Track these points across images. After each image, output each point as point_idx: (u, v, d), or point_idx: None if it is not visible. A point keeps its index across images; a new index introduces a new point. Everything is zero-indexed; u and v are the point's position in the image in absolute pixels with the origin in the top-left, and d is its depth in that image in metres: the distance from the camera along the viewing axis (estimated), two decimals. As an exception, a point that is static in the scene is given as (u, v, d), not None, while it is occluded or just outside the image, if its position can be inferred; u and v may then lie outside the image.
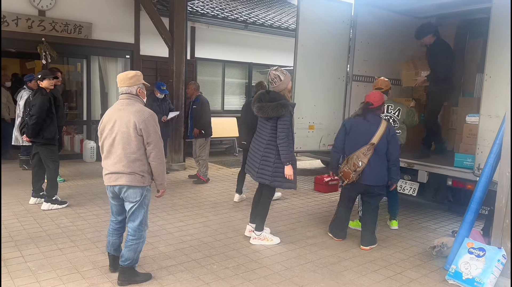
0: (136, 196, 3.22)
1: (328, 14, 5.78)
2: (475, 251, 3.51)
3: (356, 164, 4.16)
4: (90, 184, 6.66)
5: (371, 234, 4.39)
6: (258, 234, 4.37)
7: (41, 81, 5.29)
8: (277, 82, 4.18)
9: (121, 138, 3.15)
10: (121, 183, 3.18)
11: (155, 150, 3.18)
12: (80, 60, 9.26)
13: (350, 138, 4.32)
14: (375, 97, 4.31)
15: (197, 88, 7.24)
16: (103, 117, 3.30)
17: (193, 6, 10.06)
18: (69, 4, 8.26)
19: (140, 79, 3.32)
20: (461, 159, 4.78)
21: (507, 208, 3.31)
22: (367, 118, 4.27)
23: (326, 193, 6.70)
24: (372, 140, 4.17)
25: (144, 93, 3.37)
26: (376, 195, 4.34)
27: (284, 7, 13.68)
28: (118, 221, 3.46)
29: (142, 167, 3.19)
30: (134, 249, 3.30)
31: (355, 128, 4.31)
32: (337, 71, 6.01)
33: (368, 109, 4.29)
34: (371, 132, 4.21)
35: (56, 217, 4.95)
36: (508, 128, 3.29)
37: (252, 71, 11.51)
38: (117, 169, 3.17)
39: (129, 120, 3.12)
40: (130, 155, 3.15)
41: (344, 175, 4.29)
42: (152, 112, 3.26)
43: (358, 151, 4.19)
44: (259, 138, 4.28)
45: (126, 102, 3.23)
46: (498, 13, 4.20)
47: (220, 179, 7.56)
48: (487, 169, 3.69)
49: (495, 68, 4.25)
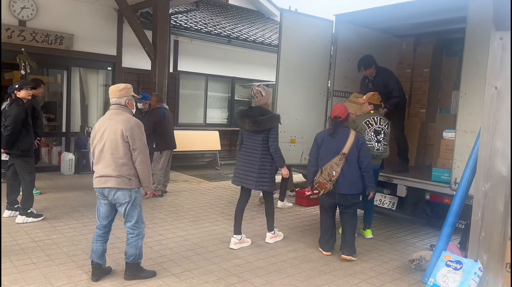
0: (125, 197, 3.48)
1: (309, 30, 5.90)
2: (453, 264, 3.56)
3: (331, 173, 4.28)
4: (67, 197, 6.51)
5: (352, 243, 4.45)
6: (273, 233, 4.89)
7: (18, 91, 5.19)
8: (259, 97, 4.59)
9: (109, 145, 3.44)
10: (109, 185, 3.45)
11: (140, 155, 3.47)
12: (60, 71, 9.15)
13: (323, 151, 4.47)
14: (341, 110, 4.50)
15: (160, 100, 7.07)
16: (95, 126, 3.60)
17: (176, 20, 10.10)
18: (51, 15, 8.20)
19: (129, 91, 3.62)
20: (438, 173, 4.89)
21: (483, 221, 3.38)
22: (337, 131, 4.43)
23: (307, 207, 6.71)
24: (343, 150, 4.32)
25: (133, 105, 3.68)
26: (351, 204, 4.42)
27: (267, 23, 13.87)
28: (103, 226, 3.63)
29: (129, 171, 3.47)
30: (135, 245, 3.56)
31: (326, 141, 4.48)
32: (318, 86, 6.10)
33: (338, 123, 4.45)
34: (341, 143, 4.37)
35: (31, 230, 4.81)
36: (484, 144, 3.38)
37: (235, 86, 11.57)
38: (106, 173, 3.45)
39: (116, 128, 3.43)
40: (118, 160, 3.44)
41: (320, 185, 4.38)
42: (138, 121, 3.57)
43: (331, 161, 4.33)
44: (251, 151, 4.60)
45: (115, 112, 3.55)
46: (473, 33, 4.36)
47: (201, 192, 7.50)
48: (463, 183, 3.77)
49: (470, 85, 4.39)
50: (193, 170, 9.90)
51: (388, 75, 5.78)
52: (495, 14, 3.09)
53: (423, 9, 5.43)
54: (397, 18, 5.92)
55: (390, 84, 5.68)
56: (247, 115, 4.55)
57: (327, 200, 4.47)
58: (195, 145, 10.13)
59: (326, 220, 4.60)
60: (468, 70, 4.44)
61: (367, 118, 5.04)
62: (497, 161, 3.19)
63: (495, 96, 3.19)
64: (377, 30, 6.53)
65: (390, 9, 5.57)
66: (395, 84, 5.74)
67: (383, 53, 6.55)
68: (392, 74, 5.89)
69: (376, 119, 5.01)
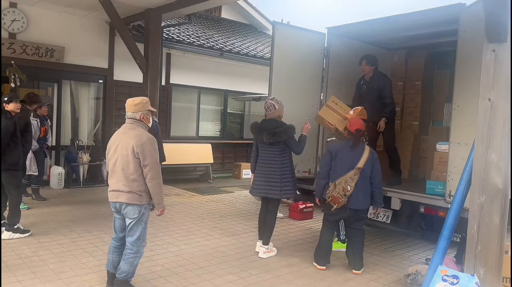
0: (135, 213, 3.44)
1: (302, 43, 5.91)
2: (449, 278, 3.49)
3: (345, 188, 4.20)
4: (55, 212, 6.36)
5: (361, 257, 4.42)
6: (267, 248, 4.85)
7: (7, 104, 5.11)
8: (273, 110, 4.85)
9: (121, 160, 3.42)
10: (121, 200, 3.43)
11: (151, 171, 3.40)
12: (51, 84, 9.05)
13: (337, 164, 4.36)
14: (362, 124, 4.44)
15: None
16: (110, 139, 3.59)
17: (169, 33, 10.10)
18: (41, 27, 8.15)
19: (145, 106, 3.59)
20: (432, 185, 4.86)
21: (479, 235, 3.33)
22: (356, 145, 4.34)
23: (300, 221, 6.63)
24: (358, 165, 4.24)
25: (149, 119, 3.64)
26: (361, 219, 4.39)
27: (260, 37, 13.95)
28: (119, 238, 3.62)
29: (140, 187, 3.42)
30: (131, 262, 3.49)
31: (341, 154, 4.37)
32: (311, 98, 6.09)
33: (359, 136, 4.37)
34: (357, 157, 4.29)
35: (17, 247, 4.67)
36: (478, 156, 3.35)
37: (227, 98, 11.55)
38: (118, 187, 3.44)
39: (128, 144, 3.40)
40: (129, 175, 3.41)
41: (333, 199, 4.28)
42: (151, 137, 3.50)
43: (345, 175, 4.24)
44: (269, 162, 4.82)
45: (129, 127, 3.53)
46: (464, 46, 4.38)
47: (193, 206, 7.39)
48: (458, 196, 3.72)
49: (462, 97, 4.39)
50: (185, 183, 9.78)
51: (385, 81, 5.71)
52: (487, 26, 3.09)
53: (414, 22, 5.46)
54: (388, 31, 5.95)
55: (385, 90, 5.63)
56: (264, 128, 4.80)
57: (336, 214, 4.38)
58: (188, 158, 10.02)
59: (328, 233, 4.52)
60: (460, 82, 4.44)
61: None
62: (492, 173, 3.16)
63: (488, 108, 3.17)
64: (369, 43, 6.56)
65: (381, 22, 5.60)
66: (389, 91, 5.71)
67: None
68: (389, 81, 5.81)
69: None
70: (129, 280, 3.57)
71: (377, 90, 5.64)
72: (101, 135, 9.23)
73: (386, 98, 5.64)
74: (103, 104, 9.21)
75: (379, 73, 5.74)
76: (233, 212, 6.28)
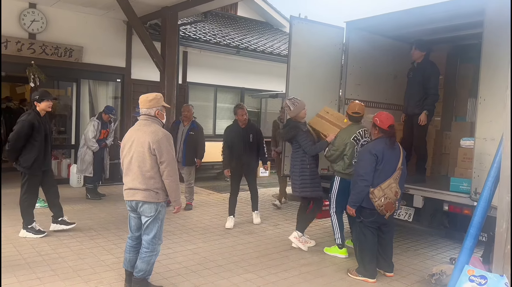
0: (151, 211, 3.39)
1: (320, 38, 5.79)
2: (476, 279, 3.36)
3: (398, 192, 3.97)
4: (75, 210, 6.42)
5: (392, 260, 4.30)
6: (299, 236, 4.96)
7: (39, 102, 4.82)
8: (288, 110, 4.88)
9: (137, 157, 3.36)
10: (137, 199, 3.37)
11: (168, 168, 3.34)
12: (70, 83, 9.18)
13: (384, 167, 3.97)
14: (393, 119, 4.13)
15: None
16: (124, 136, 3.53)
17: (185, 31, 10.10)
18: (60, 27, 8.24)
19: (159, 102, 3.52)
20: (456, 183, 4.69)
21: (508, 234, 3.19)
22: (392, 143, 4.05)
23: (320, 219, 6.52)
24: (399, 164, 4.01)
25: (163, 115, 3.57)
26: (392, 222, 4.26)
27: (276, 34, 13.85)
28: (135, 237, 3.57)
29: (156, 184, 3.36)
30: (147, 261, 3.45)
31: (387, 155, 3.99)
32: (329, 95, 5.97)
33: (394, 133, 4.08)
34: (397, 156, 4.04)
35: (37, 244, 4.71)
36: (507, 151, 3.21)
37: (244, 96, 11.49)
38: (134, 185, 3.37)
39: (144, 140, 3.33)
40: (145, 173, 3.34)
41: (386, 207, 3.94)
42: (167, 133, 3.45)
43: (390, 177, 3.95)
44: (292, 160, 4.99)
45: (143, 123, 3.46)
46: (490, 36, 4.21)
47: (210, 204, 7.37)
48: (486, 193, 3.58)
49: (488, 91, 4.22)
50: (203, 182, 9.78)
51: (432, 70, 5.44)
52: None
53: (437, 14, 5.27)
54: (408, 24, 5.77)
55: (431, 80, 5.35)
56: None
57: (378, 219, 4.06)
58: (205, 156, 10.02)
59: (375, 241, 4.13)
60: (486, 75, 4.26)
61: (353, 133, 4.66)
62: (522, 169, 3.02)
63: (518, 101, 3.03)
64: (389, 37, 6.39)
65: (401, 15, 5.44)
66: (435, 82, 5.40)
67: (395, 61, 6.41)
68: (437, 71, 5.51)
69: (362, 133, 4.72)
70: (147, 278, 3.54)
71: (422, 79, 5.37)
72: (119, 134, 9.29)
73: (431, 89, 5.34)
74: (121, 103, 9.26)
75: (428, 61, 5.47)
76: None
